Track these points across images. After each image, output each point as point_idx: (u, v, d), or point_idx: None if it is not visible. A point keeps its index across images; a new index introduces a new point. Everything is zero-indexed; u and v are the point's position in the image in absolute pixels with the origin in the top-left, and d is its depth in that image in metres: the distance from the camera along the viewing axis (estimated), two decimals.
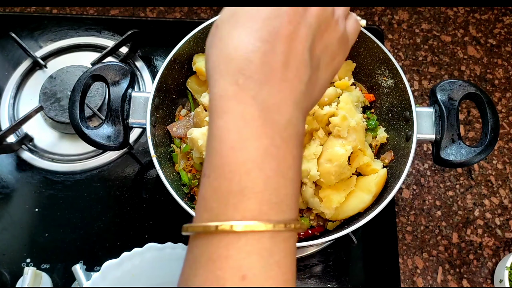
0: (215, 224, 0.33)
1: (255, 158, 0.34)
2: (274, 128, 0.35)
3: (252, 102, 0.35)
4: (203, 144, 0.67)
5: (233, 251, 0.33)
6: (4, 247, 0.83)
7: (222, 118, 0.35)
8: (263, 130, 0.34)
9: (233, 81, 0.35)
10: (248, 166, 0.34)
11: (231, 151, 0.34)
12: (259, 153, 0.34)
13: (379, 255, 0.84)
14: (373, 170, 0.71)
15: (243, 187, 0.33)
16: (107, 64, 0.69)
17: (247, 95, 0.35)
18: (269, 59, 0.35)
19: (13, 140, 0.88)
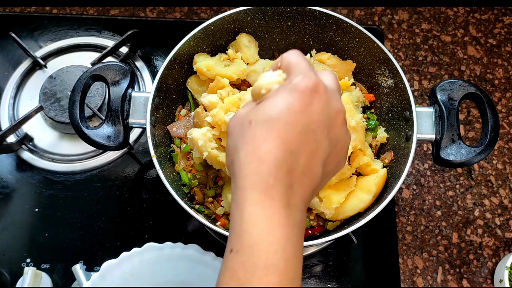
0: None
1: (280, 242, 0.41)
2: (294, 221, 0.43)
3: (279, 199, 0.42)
4: (203, 145, 0.67)
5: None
6: (4, 247, 0.83)
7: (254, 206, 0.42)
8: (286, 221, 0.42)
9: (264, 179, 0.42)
10: (275, 247, 0.41)
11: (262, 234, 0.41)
12: (283, 238, 0.41)
13: (379, 255, 0.84)
14: (373, 170, 0.71)
15: (269, 264, 0.40)
16: (107, 64, 0.69)
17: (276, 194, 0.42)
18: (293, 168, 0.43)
19: (13, 140, 0.88)
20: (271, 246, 0.41)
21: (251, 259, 0.40)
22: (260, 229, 0.41)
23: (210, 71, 0.74)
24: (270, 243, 0.41)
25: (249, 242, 0.41)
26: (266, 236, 0.41)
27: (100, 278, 0.71)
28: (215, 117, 0.67)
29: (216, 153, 0.67)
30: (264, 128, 0.43)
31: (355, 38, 0.75)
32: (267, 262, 0.40)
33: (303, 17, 0.76)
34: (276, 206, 0.42)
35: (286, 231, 0.42)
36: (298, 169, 0.43)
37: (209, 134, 0.68)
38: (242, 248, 0.41)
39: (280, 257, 0.41)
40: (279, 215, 0.42)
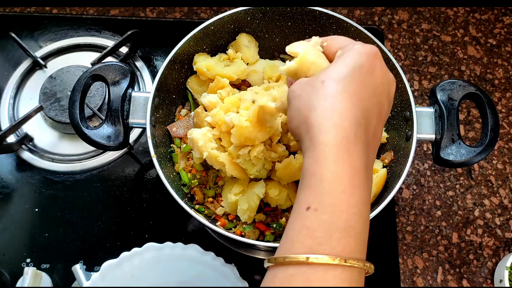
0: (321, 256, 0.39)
1: (360, 205, 0.41)
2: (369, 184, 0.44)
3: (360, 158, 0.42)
4: (203, 145, 0.67)
5: (330, 276, 0.39)
6: (4, 247, 0.83)
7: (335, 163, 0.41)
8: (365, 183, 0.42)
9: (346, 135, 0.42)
10: (354, 210, 0.41)
11: (343, 194, 0.41)
12: (362, 201, 0.42)
13: (379, 255, 0.84)
14: (373, 170, 0.71)
15: (348, 226, 0.40)
16: (107, 64, 0.69)
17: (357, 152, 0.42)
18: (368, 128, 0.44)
19: (13, 140, 0.88)
20: (351, 209, 0.40)
21: (331, 219, 0.40)
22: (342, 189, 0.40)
23: (210, 71, 0.74)
24: (351, 205, 0.40)
25: (330, 201, 0.40)
26: (348, 198, 0.40)
27: (100, 278, 0.71)
28: (215, 117, 0.67)
29: (216, 153, 0.67)
30: (340, 86, 0.43)
31: (355, 38, 0.75)
32: (346, 224, 0.40)
33: (303, 17, 0.76)
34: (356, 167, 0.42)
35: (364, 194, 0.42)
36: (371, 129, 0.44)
37: (209, 134, 0.68)
38: (322, 206, 0.40)
39: (358, 220, 0.41)
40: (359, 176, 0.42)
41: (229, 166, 0.66)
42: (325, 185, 0.41)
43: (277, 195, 0.68)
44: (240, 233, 0.71)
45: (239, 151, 0.65)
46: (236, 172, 0.67)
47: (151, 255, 0.73)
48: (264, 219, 0.72)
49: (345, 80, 0.44)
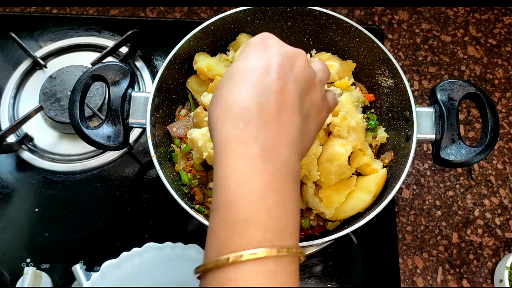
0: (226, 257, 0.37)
1: (258, 191, 0.38)
2: (274, 166, 0.39)
3: (252, 143, 0.39)
4: (203, 145, 0.67)
5: (241, 273, 0.36)
6: (4, 247, 0.83)
7: (226, 158, 0.39)
8: (263, 167, 0.39)
9: (234, 126, 0.40)
10: (252, 198, 0.38)
11: (237, 186, 0.38)
12: (261, 187, 0.38)
13: (379, 255, 0.84)
14: (373, 170, 0.71)
15: (248, 216, 0.37)
16: (107, 64, 0.69)
17: (248, 137, 0.39)
18: (264, 108, 0.41)
19: (13, 140, 0.88)
20: (248, 198, 0.38)
21: (229, 215, 0.38)
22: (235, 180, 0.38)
23: (211, 70, 0.74)
24: (247, 194, 0.38)
25: (225, 197, 0.38)
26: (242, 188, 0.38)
27: (100, 278, 0.71)
28: None
29: None
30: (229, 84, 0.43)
31: (355, 38, 0.75)
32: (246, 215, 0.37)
33: (303, 17, 0.76)
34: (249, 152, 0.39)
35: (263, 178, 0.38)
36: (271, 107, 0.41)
37: (208, 134, 0.68)
38: (219, 205, 0.39)
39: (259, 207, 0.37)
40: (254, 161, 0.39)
41: None
42: (220, 182, 0.39)
43: None
44: None
45: None
46: None
47: (151, 255, 0.73)
48: None
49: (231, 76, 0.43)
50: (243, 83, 0.42)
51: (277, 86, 0.42)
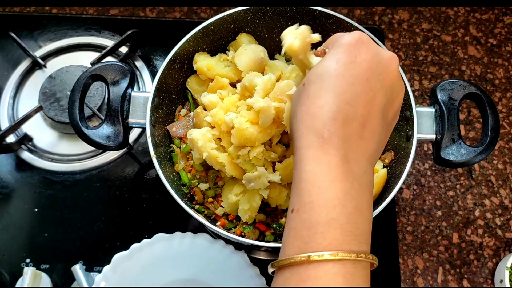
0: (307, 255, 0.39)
1: (339, 197, 0.40)
2: (354, 176, 0.42)
3: (336, 153, 0.41)
4: (203, 145, 0.67)
5: (321, 272, 0.38)
6: (3, 247, 0.82)
7: (310, 164, 0.41)
8: (344, 176, 0.41)
9: (319, 134, 0.41)
10: (334, 202, 0.40)
11: (319, 190, 0.40)
12: (342, 193, 0.40)
13: (379, 255, 0.84)
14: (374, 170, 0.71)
15: (330, 219, 0.39)
16: (106, 64, 0.69)
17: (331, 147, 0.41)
18: (350, 119, 0.42)
19: (13, 140, 0.88)
20: (330, 202, 0.40)
21: (312, 216, 0.40)
22: (318, 185, 0.40)
23: (211, 70, 0.74)
24: (329, 198, 0.40)
25: (308, 199, 0.40)
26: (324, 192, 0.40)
27: (112, 270, 0.71)
28: (214, 116, 0.67)
29: (216, 154, 0.66)
30: (317, 85, 0.43)
31: None
32: (328, 218, 0.39)
33: (303, 17, 0.76)
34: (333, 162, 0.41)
35: (344, 186, 0.41)
36: (356, 119, 0.42)
37: (208, 134, 0.68)
38: (302, 206, 0.41)
39: (340, 211, 0.40)
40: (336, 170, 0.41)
41: (229, 166, 0.66)
42: (302, 185, 0.41)
43: (277, 195, 0.68)
44: (240, 233, 0.71)
45: (239, 152, 0.65)
46: (236, 172, 0.67)
47: (161, 245, 0.74)
48: (264, 219, 0.71)
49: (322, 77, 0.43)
50: (332, 89, 0.42)
51: (365, 97, 0.42)
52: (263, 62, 0.74)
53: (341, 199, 0.40)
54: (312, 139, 0.42)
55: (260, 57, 0.73)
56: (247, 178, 0.64)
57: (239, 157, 0.65)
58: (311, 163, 0.41)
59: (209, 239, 0.74)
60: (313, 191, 0.41)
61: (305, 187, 0.41)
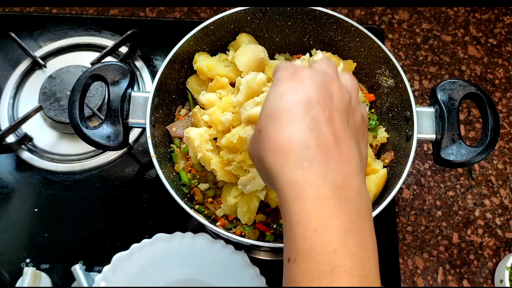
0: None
1: (339, 237, 0.36)
2: (349, 204, 0.38)
3: (323, 182, 0.37)
4: (199, 145, 0.67)
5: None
6: (3, 247, 0.82)
7: (298, 203, 0.37)
8: (339, 208, 0.37)
9: (298, 167, 0.38)
10: (334, 246, 0.36)
11: (315, 233, 0.36)
12: (341, 231, 0.36)
13: (379, 255, 0.84)
14: (374, 170, 0.71)
15: (333, 266, 0.35)
16: (106, 64, 0.69)
17: (316, 177, 0.38)
18: (322, 141, 0.39)
19: (13, 140, 0.88)
20: (330, 246, 0.36)
21: (312, 266, 0.36)
22: (312, 228, 0.36)
23: (211, 70, 0.74)
24: (328, 242, 0.36)
25: (304, 247, 0.36)
26: (321, 236, 0.36)
27: (112, 270, 0.71)
28: (212, 115, 0.67)
29: (210, 156, 0.66)
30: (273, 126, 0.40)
31: (355, 38, 0.75)
32: (330, 266, 0.35)
33: (303, 17, 0.76)
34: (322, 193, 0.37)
35: (342, 222, 0.37)
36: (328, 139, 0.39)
37: (206, 135, 0.68)
38: (299, 255, 0.37)
39: (343, 255, 0.36)
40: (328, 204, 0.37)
41: (220, 172, 0.66)
42: (295, 229, 0.37)
43: (276, 195, 0.68)
44: (240, 233, 0.71)
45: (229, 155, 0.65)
46: (227, 178, 0.67)
47: (161, 245, 0.74)
48: (264, 220, 0.71)
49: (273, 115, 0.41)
50: (290, 121, 0.40)
51: (324, 117, 0.40)
52: (263, 62, 0.74)
53: (341, 239, 0.36)
54: (291, 174, 0.38)
55: (260, 57, 0.73)
56: (241, 183, 0.64)
57: (231, 163, 0.65)
58: (299, 201, 0.37)
59: (209, 239, 0.74)
60: (308, 236, 0.36)
61: (298, 232, 0.37)
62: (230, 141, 0.63)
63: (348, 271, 0.36)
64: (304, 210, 0.37)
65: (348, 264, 0.36)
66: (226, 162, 0.66)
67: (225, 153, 0.65)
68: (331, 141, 0.39)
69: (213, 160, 0.67)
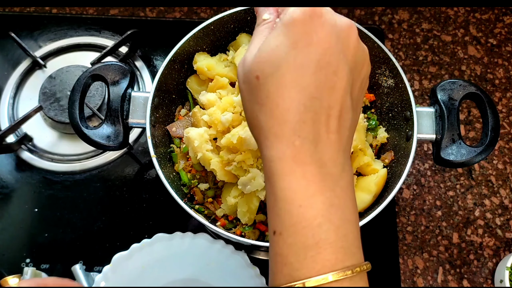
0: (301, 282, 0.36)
1: (323, 212, 0.37)
2: (333, 181, 0.38)
3: (310, 161, 0.37)
4: (199, 145, 0.67)
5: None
6: (3, 247, 0.82)
7: (285, 180, 0.37)
8: (324, 185, 0.37)
9: (289, 143, 0.37)
10: (319, 220, 0.37)
11: (301, 209, 0.37)
12: (325, 206, 0.37)
13: (379, 255, 0.84)
14: (374, 170, 0.71)
15: (318, 240, 0.36)
16: (106, 64, 0.69)
17: (305, 155, 0.37)
18: (318, 116, 0.37)
19: (13, 140, 0.88)
20: (315, 220, 0.36)
21: (297, 240, 0.37)
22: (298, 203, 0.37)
23: (211, 70, 0.74)
24: (313, 216, 0.37)
25: (290, 221, 0.37)
26: (306, 210, 0.37)
27: (111, 270, 0.71)
28: (211, 115, 0.67)
29: (210, 156, 0.66)
30: (275, 81, 0.37)
31: None
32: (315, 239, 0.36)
33: None
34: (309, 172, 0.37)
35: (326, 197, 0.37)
36: (324, 113, 0.37)
37: (206, 135, 0.68)
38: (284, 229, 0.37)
39: (327, 229, 0.37)
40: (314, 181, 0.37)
41: (220, 172, 0.67)
42: (280, 205, 0.38)
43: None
44: (240, 233, 0.71)
45: (229, 155, 0.65)
46: (227, 178, 0.67)
47: (161, 245, 0.74)
48: (264, 220, 0.71)
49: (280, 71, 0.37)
50: (295, 84, 0.37)
51: (329, 84, 0.37)
52: None
53: (326, 214, 0.37)
54: (282, 149, 0.37)
55: None
56: (242, 183, 0.64)
57: (230, 163, 0.65)
58: (286, 179, 0.37)
59: (209, 239, 0.74)
60: (293, 211, 0.37)
61: (284, 207, 0.37)
62: (230, 141, 0.63)
63: (333, 244, 0.37)
64: (290, 187, 0.37)
65: (332, 237, 0.37)
66: (226, 162, 0.66)
67: (225, 153, 0.65)
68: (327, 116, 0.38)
69: (213, 160, 0.67)
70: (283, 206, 0.37)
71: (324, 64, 0.37)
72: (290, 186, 0.37)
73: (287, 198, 0.37)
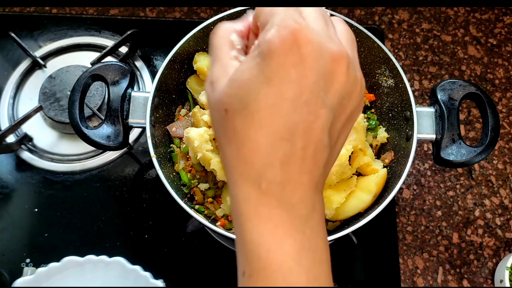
0: None
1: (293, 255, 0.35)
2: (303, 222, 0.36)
3: (277, 204, 0.35)
4: (199, 146, 0.67)
5: None
6: (3, 247, 0.82)
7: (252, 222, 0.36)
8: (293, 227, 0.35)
9: (255, 185, 0.35)
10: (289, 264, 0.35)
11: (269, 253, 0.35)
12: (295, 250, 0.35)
13: (379, 255, 0.84)
14: (374, 170, 0.71)
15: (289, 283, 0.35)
16: (106, 64, 0.69)
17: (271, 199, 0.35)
18: (288, 159, 0.34)
19: (13, 140, 0.88)
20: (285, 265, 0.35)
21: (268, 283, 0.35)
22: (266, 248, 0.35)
23: None
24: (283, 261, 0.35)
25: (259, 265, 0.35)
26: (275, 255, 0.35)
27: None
28: None
29: (210, 156, 0.66)
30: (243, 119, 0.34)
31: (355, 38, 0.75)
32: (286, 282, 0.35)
33: None
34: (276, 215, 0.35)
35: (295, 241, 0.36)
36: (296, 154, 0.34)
37: (206, 135, 0.68)
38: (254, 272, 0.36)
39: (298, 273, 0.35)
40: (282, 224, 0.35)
41: (220, 172, 0.66)
42: (249, 246, 0.36)
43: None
44: None
45: None
46: None
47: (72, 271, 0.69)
48: None
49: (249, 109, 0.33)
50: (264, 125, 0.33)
51: (304, 123, 0.33)
52: None
53: (296, 257, 0.35)
54: (247, 191, 0.35)
55: None
56: None
57: None
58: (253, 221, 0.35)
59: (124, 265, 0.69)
60: (262, 255, 0.35)
61: (252, 250, 0.35)
62: None
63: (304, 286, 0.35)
64: (257, 230, 0.35)
65: (303, 280, 0.35)
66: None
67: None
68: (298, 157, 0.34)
69: (213, 160, 0.67)
70: (251, 248, 0.36)
71: (299, 104, 0.33)
72: (258, 229, 0.35)
73: (254, 241, 0.35)
